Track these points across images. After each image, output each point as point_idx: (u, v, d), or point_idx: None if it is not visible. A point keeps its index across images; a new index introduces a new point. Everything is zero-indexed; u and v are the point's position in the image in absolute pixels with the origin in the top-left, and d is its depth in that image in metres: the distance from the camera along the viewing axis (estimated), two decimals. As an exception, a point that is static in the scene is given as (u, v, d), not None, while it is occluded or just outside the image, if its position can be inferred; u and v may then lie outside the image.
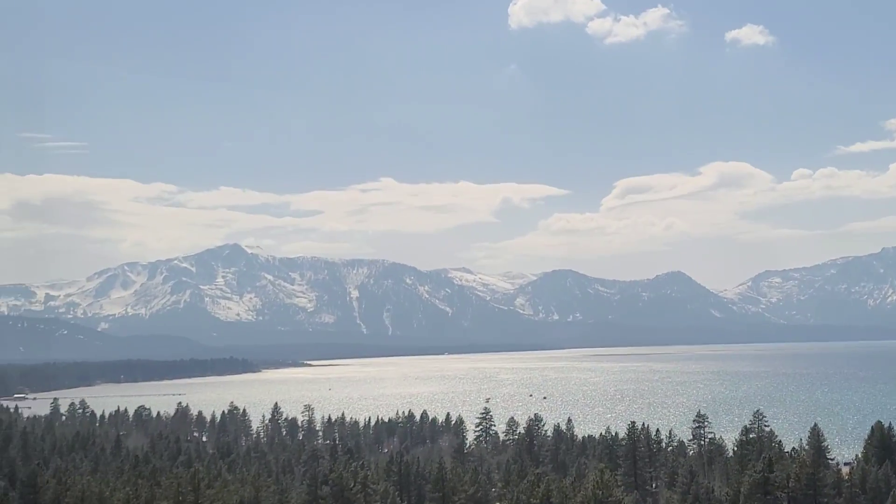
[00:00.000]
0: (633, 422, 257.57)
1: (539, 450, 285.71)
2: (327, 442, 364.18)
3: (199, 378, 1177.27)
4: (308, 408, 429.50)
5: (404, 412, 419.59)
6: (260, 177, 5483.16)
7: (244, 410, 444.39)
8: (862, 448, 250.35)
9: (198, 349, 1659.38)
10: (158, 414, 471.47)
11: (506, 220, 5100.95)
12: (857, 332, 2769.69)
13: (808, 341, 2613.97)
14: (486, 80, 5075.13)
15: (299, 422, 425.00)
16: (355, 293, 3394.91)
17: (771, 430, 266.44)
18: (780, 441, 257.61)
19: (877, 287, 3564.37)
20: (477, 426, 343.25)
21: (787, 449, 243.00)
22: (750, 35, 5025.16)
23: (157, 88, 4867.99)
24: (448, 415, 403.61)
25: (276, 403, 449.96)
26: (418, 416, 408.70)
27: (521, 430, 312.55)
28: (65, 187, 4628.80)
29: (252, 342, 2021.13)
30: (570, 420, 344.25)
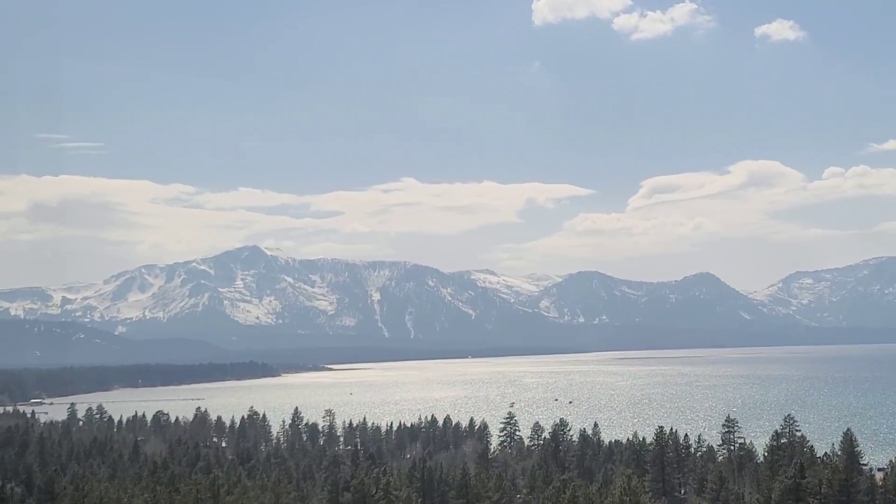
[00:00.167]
0: (661, 426, 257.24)
1: (565, 455, 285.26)
2: (349, 447, 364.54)
3: (218, 382, 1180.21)
4: (329, 413, 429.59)
5: (427, 417, 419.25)
6: (279, 177, 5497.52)
7: (264, 415, 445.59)
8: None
9: (216, 353, 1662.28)
10: (177, 419, 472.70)
11: (530, 220, 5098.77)
12: (891, 335, 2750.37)
13: (840, 344, 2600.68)
14: (510, 78, 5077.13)
15: (320, 427, 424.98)
16: (377, 296, 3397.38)
17: (802, 435, 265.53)
18: (812, 446, 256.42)
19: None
20: (501, 431, 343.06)
21: (820, 454, 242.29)
22: (780, 30, 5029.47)
23: (174, 87, 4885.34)
24: (472, 420, 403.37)
25: (296, 408, 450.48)
26: (441, 421, 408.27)
27: (547, 435, 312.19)
28: (82, 188, 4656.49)
29: (272, 346, 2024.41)
30: (596, 425, 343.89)
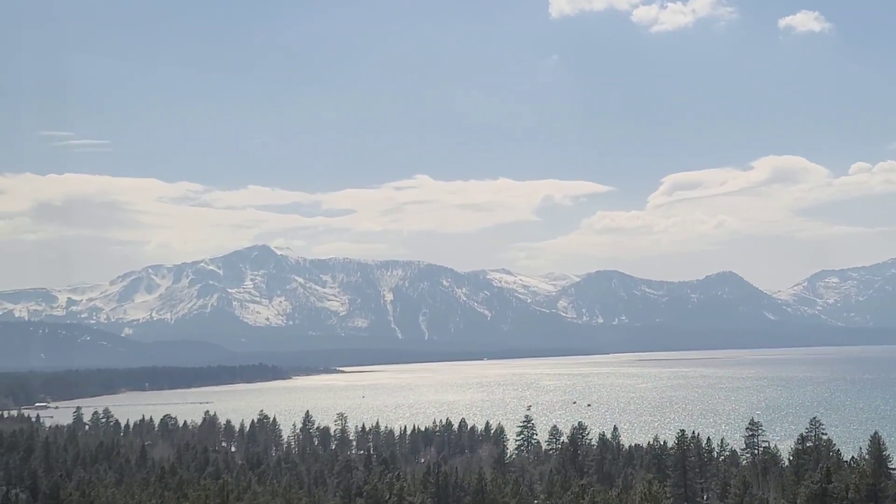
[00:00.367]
0: (683, 430, 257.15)
1: (583, 460, 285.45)
2: (361, 452, 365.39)
3: (227, 385, 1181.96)
4: (341, 416, 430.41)
5: (442, 420, 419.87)
6: (290, 175, 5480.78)
7: (274, 419, 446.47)
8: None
9: (225, 355, 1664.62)
10: (185, 423, 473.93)
11: (547, 218, 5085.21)
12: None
13: (868, 345, 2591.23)
14: (526, 72, 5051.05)
15: (332, 431, 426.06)
16: (389, 296, 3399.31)
17: (829, 439, 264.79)
18: (839, 450, 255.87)
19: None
20: (518, 435, 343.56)
21: (846, 458, 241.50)
22: (805, 22, 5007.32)
23: (182, 83, 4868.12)
24: (487, 423, 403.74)
25: (307, 412, 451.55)
26: (456, 425, 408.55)
27: (565, 438, 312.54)
28: (87, 187, 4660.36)
29: (282, 348, 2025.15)
30: (615, 428, 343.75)
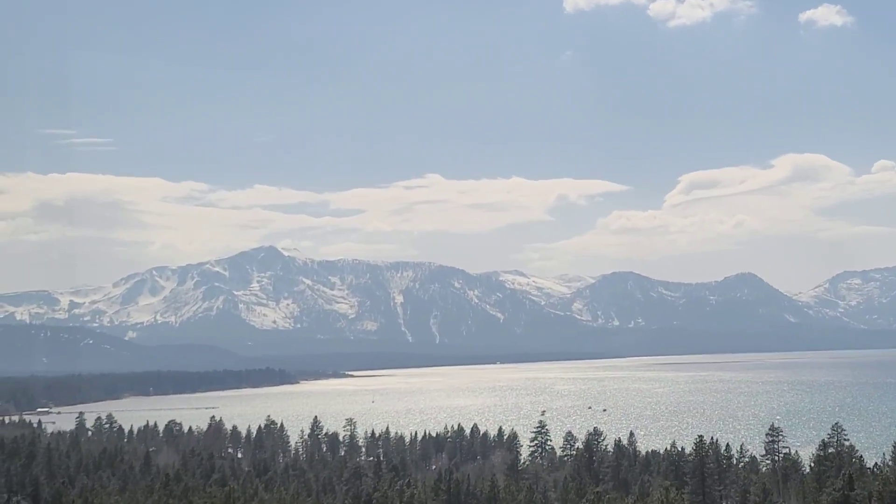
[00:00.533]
0: (701, 436, 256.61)
1: (599, 466, 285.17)
2: (371, 458, 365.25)
3: (234, 390, 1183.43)
4: (350, 422, 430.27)
5: (453, 426, 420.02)
6: (297, 174, 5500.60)
7: (282, 425, 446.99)
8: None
9: (232, 359, 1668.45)
10: (190, 429, 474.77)
11: (561, 218, 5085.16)
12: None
13: (891, 348, 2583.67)
14: (540, 68, 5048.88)
15: (341, 437, 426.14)
16: (400, 298, 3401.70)
17: (851, 445, 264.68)
18: (862, 456, 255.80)
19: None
20: (532, 441, 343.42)
21: (869, 465, 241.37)
22: (826, 15, 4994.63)
23: (187, 80, 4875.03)
24: (500, 429, 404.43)
25: (315, 417, 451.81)
26: (468, 431, 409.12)
27: (580, 444, 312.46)
28: (90, 187, 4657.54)
29: (289, 351, 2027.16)
30: (632, 434, 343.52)
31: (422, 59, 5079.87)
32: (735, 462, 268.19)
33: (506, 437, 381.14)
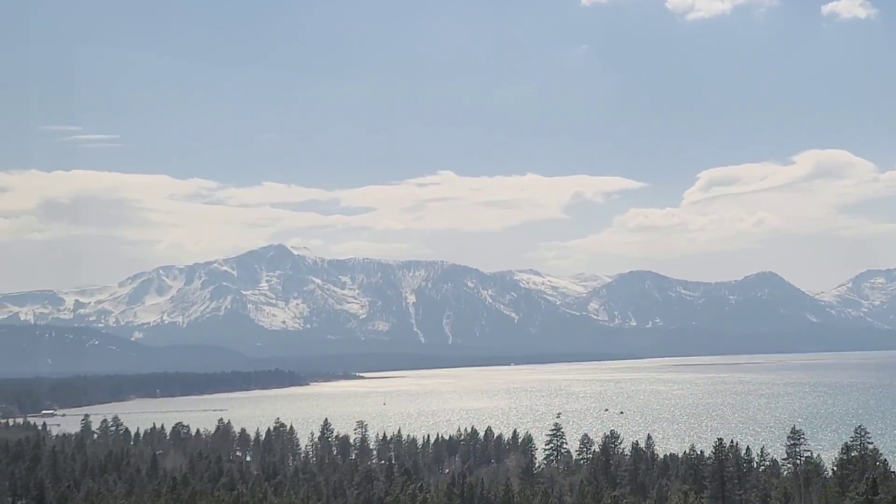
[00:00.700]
0: (721, 438, 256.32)
1: (616, 470, 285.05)
2: (382, 462, 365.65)
3: (242, 392, 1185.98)
4: (361, 424, 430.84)
5: (467, 429, 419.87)
6: (306, 171, 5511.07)
7: (291, 427, 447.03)
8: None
9: (240, 360, 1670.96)
10: (198, 431, 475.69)
11: (577, 216, 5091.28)
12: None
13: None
14: (556, 62, 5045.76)
15: (351, 440, 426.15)
16: (412, 298, 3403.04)
17: (875, 448, 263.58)
18: (886, 460, 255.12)
19: None
20: (547, 444, 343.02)
21: (894, 469, 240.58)
22: (849, 7, 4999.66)
23: (194, 76, 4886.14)
24: (515, 431, 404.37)
25: (325, 419, 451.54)
26: (482, 433, 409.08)
27: (596, 448, 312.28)
28: (95, 184, 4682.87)
29: (299, 352, 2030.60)
30: (649, 437, 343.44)
31: (435, 53, 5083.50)
32: (755, 466, 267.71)
33: (520, 440, 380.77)
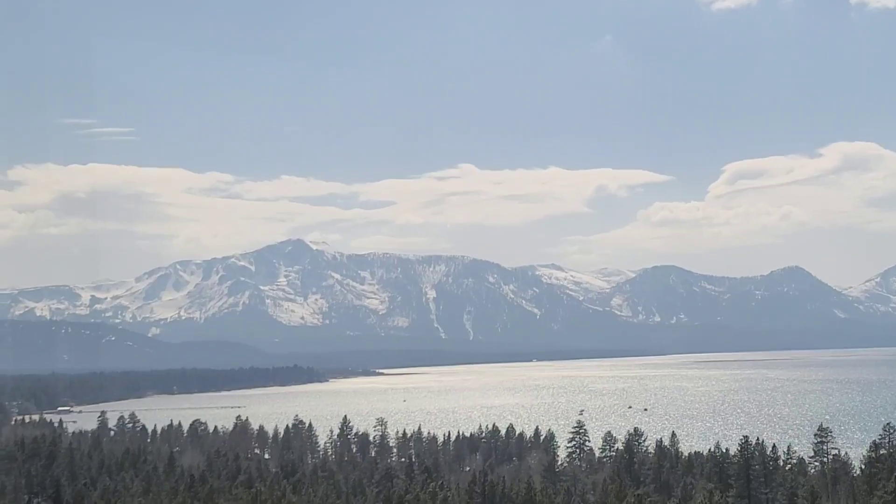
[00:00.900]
0: (746, 436, 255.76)
1: (640, 468, 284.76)
2: (402, 459, 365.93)
3: (260, 389, 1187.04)
4: (381, 421, 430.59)
5: (488, 426, 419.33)
6: (325, 164, 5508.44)
7: (310, 424, 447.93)
8: None
9: (258, 356, 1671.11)
10: (215, 429, 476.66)
11: (600, 210, 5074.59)
12: None
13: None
14: (578, 53, 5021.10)
15: (371, 437, 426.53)
16: (432, 293, 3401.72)
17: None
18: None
19: None
20: (569, 441, 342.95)
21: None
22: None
23: (211, 67, 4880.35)
24: (537, 429, 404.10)
25: (345, 417, 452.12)
26: (504, 431, 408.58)
27: (620, 445, 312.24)
28: (111, 178, 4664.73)
29: (318, 348, 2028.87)
30: (674, 434, 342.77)
31: (455, 44, 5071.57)
32: (782, 464, 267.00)
33: (542, 438, 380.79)
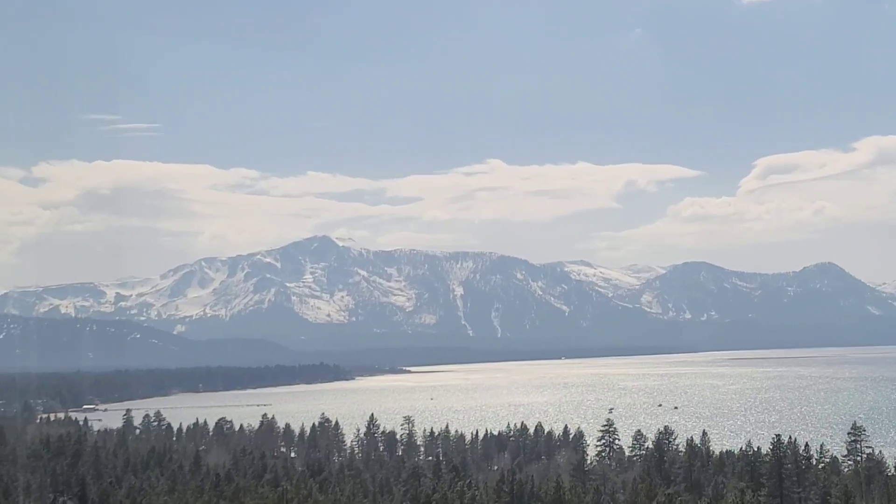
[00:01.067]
0: (779, 435, 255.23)
1: (670, 467, 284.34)
2: (430, 458, 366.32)
3: (286, 387, 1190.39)
4: (408, 420, 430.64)
5: (516, 424, 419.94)
6: (352, 160, 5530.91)
7: (336, 423, 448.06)
8: None
9: (284, 354, 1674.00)
10: (241, 427, 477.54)
11: (630, 205, 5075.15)
12: None
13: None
14: (607, 47, 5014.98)
15: (398, 436, 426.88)
16: (459, 290, 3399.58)
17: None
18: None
19: None
20: (599, 440, 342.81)
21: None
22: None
23: (236, 62, 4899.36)
24: (566, 427, 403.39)
25: (371, 415, 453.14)
26: (532, 429, 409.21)
27: (650, 444, 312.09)
28: (136, 174, 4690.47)
29: (344, 346, 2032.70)
30: (704, 433, 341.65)
31: (483, 39, 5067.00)
32: (815, 463, 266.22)
33: (571, 436, 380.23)
